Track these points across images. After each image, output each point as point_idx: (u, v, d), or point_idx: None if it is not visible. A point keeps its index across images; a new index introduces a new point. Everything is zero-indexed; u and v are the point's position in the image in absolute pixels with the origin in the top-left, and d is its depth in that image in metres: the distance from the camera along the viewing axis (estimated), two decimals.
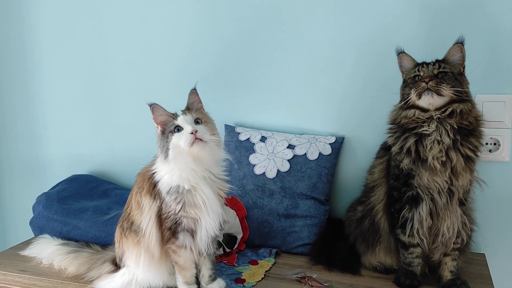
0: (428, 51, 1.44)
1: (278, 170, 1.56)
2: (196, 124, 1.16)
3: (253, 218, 1.53)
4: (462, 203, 1.24)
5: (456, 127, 1.18)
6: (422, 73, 1.22)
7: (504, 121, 1.45)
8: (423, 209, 1.23)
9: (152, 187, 1.19)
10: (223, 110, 1.73)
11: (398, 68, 1.31)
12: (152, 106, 1.17)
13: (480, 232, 1.44)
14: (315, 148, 1.56)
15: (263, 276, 1.33)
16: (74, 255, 1.38)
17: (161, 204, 1.18)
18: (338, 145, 1.58)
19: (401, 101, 1.26)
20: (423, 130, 1.19)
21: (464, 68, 1.24)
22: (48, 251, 1.43)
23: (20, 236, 1.85)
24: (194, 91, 1.22)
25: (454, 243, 1.25)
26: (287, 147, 1.58)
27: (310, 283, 1.28)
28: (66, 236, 1.53)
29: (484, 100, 1.45)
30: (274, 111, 1.69)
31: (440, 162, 1.18)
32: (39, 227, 1.58)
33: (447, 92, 1.17)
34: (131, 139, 1.87)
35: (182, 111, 1.20)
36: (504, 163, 1.48)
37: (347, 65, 1.58)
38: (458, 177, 1.20)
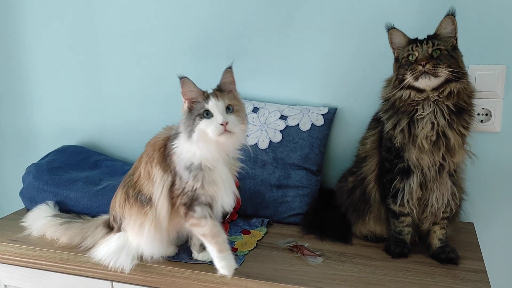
0: (419, 23, 1.43)
1: (270, 140, 1.55)
2: (227, 113, 1.11)
3: (245, 189, 1.53)
4: (451, 174, 1.25)
5: (452, 108, 1.18)
6: (416, 53, 1.19)
7: (496, 91, 1.45)
8: (414, 181, 1.24)
9: (163, 158, 1.17)
10: (214, 81, 1.70)
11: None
12: (183, 79, 1.11)
13: (470, 201, 1.46)
14: (308, 119, 1.56)
15: (255, 245, 1.34)
16: (66, 226, 1.37)
17: (174, 178, 1.15)
18: (330, 116, 1.58)
19: (395, 80, 1.24)
20: (418, 115, 1.19)
21: (456, 40, 1.22)
22: (40, 222, 1.41)
23: (11, 207, 1.85)
24: (229, 70, 1.16)
25: (443, 212, 1.27)
26: (280, 118, 1.57)
27: (301, 251, 1.29)
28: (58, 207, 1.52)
29: (477, 70, 1.44)
30: (267, 82, 1.67)
31: (430, 142, 1.19)
32: (29, 197, 1.57)
33: (444, 72, 1.16)
34: (122, 110, 1.85)
35: (213, 90, 1.14)
36: (495, 134, 1.48)
37: (340, 36, 1.56)
38: (455, 154, 1.20)
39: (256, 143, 1.55)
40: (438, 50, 1.18)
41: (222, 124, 1.08)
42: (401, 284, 1.13)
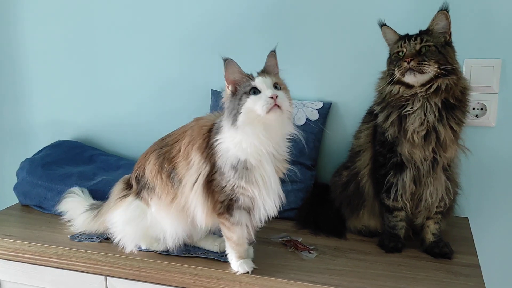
0: (415, 17, 1.42)
1: None
2: (275, 89, 1.05)
3: None
4: (445, 169, 1.25)
5: (441, 104, 1.17)
6: (404, 50, 1.20)
7: (492, 86, 1.45)
8: (407, 175, 1.24)
9: (205, 146, 1.10)
10: (209, 75, 1.70)
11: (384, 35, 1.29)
12: (227, 61, 1.05)
13: (465, 196, 1.46)
14: (302, 114, 1.55)
15: None
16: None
17: (213, 170, 1.10)
18: (325, 110, 1.57)
19: (386, 75, 1.26)
20: (407, 111, 1.19)
21: (450, 35, 1.21)
22: (80, 219, 1.37)
23: (5, 202, 1.84)
24: (273, 53, 1.12)
25: (437, 207, 1.27)
26: None
27: (295, 246, 1.29)
28: (51, 202, 1.52)
29: (472, 64, 1.44)
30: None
31: (421, 137, 1.19)
32: (23, 192, 1.57)
33: (431, 69, 1.15)
34: (117, 105, 1.85)
35: (258, 73, 1.09)
36: (490, 128, 1.48)
37: (335, 30, 1.55)
38: (447, 149, 1.20)
39: None
40: (427, 47, 1.18)
41: (272, 97, 1.01)
42: (395, 279, 1.13)
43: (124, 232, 1.23)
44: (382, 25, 1.28)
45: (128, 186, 1.29)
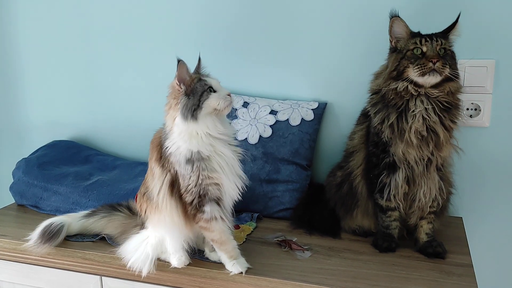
0: (410, 17, 1.43)
1: (260, 135, 1.55)
2: None
3: None
4: (439, 169, 1.26)
5: (444, 104, 1.19)
6: (425, 49, 1.18)
7: (485, 86, 1.45)
8: (399, 176, 1.24)
9: (160, 155, 1.16)
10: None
11: (387, 33, 1.25)
12: (180, 62, 1.12)
13: (459, 196, 1.47)
14: (298, 114, 1.56)
15: (245, 239, 1.35)
16: (108, 219, 1.35)
17: (174, 176, 1.14)
18: (320, 110, 1.58)
19: (392, 70, 1.22)
20: (409, 109, 1.19)
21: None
22: (77, 225, 1.36)
23: (1, 202, 1.84)
24: (199, 60, 1.23)
25: (430, 207, 1.27)
26: (270, 113, 1.57)
27: (289, 246, 1.29)
28: (47, 202, 1.52)
29: (466, 65, 1.44)
30: (257, 77, 1.67)
31: (420, 136, 1.19)
32: (19, 192, 1.58)
33: (448, 71, 1.16)
34: (113, 105, 1.85)
35: (201, 74, 1.18)
36: (484, 128, 1.49)
37: (330, 31, 1.56)
38: (442, 149, 1.21)
39: (246, 138, 1.56)
40: (444, 50, 1.19)
41: (229, 95, 1.14)
42: (388, 278, 1.14)
43: (133, 257, 1.22)
44: (394, 15, 1.23)
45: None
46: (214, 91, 1.13)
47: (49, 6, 1.83)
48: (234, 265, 1.16)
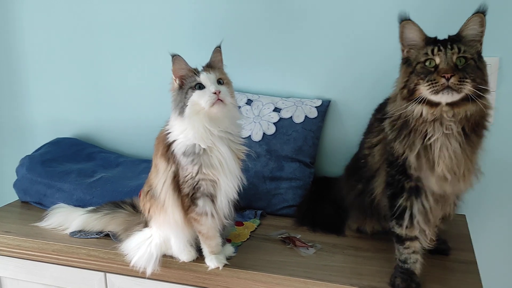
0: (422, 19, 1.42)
1: (263, 133, 1.55)
2: (218, 84, 1.12)
3: None
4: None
5: (464, 127, 1.00)
6: (438, 60, 0.98)
7: (489, 83, 1.45)
8: (429, 199, 1.07)
9: (166, 150, 1.15)
10: None
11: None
12: (174, 57, 1.12)
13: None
14: (301, 111, 1.56)
15: (248, 236, 1.35)
16: (111, 216, 1.35)
17: (177, 168, 1.14)
18: (324, 108, 1.58)
19: (402, 88, 1.02)
20: (430, 137, 1.01)
21: (481, 45, 1.02)
22: (79, 220, 1.37)
23: (5, 198, 1.84)
24: (218, 49, 1.18)
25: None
26: (273, 110, 1.57)
27: (293, 243, 1.30)
28: (51, 199, 1.52)
29: None
30: (261, 74, 1.67)
31: (453, 173, 1.02)
32: (23, 189, 1.58)
33: (469, 88, 0.95)
34: (117, 102, 1.85)
35: (203, 67, 1.16)
36: None
37: (336, 28, 1.56)
38: (465, 181, 1.05)
39: (250, 135, 1.56)
40: (463, 58, 0.97)
41: (215, 93, 1.08)
42: None
43: (135, 255, 1.22)
44: (404, 19, 1.02)
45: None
46: (204, 88, 1.11)
47: (53, 3, 1.83)
48: (212, 260, 1.18)
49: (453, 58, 0.97)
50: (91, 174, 1.59)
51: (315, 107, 1.57)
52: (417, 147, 1.02)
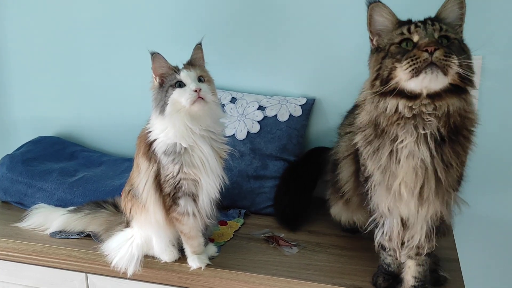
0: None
1: (248, 131, 1.54)
2: (199, 82, 1.11)
3: None
4: None
5: (442, 132, 0.86)
6: (416, 38, 0.83)
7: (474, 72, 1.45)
8: (393, 221, 0.99)
9: (148, 149, 1.14)
10: None
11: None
12: (154, 55, 1.11)
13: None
14: (286, 110, 1.55)
15: (232, 236, 1.34)
16: (92, 216, 1.33)
17: (159, 168, 1.13)
18: (308, 106, 1.57)
19: (373, 79, 0.87)
20: (399, 143, 0.86)
21: (462, 32, 0.90)
22: (59, 220, 1.35)
23: None
24: (199, 46, 1.17)
25: (419, 247, 1.01)
26: (258, 109, 1.57)
27: (277, 242, 1.29)
28: (32, 199, 1.50)
29: None
30: (245, 73, 1.66)
31: (411, 188, 0.88)
32: (3, 189, 1.55)
33: (455, 69, 0.80)
34: (99, 101, 1.83)
35: (184, 65, 1.15)
36: None
37: (319, 26, 1.55)
38: (427, 205, 0.91)
39: (234, 134, 1.55)
40: (445, 39, 0.83)
41: (195, 91, 1.07)
42: None
43: (116, 255, 1.21)
44: (373, 1, 0.90)
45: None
46: (184, 86, 1.09)
47: (35, 1, 1.80)
48: (194, 260, 1.17)
49: (435, 35, 0.83)
50: (73, 173, 1.56)
51: (300, 105, 1.56)
52: (384, 155, 0.89)
